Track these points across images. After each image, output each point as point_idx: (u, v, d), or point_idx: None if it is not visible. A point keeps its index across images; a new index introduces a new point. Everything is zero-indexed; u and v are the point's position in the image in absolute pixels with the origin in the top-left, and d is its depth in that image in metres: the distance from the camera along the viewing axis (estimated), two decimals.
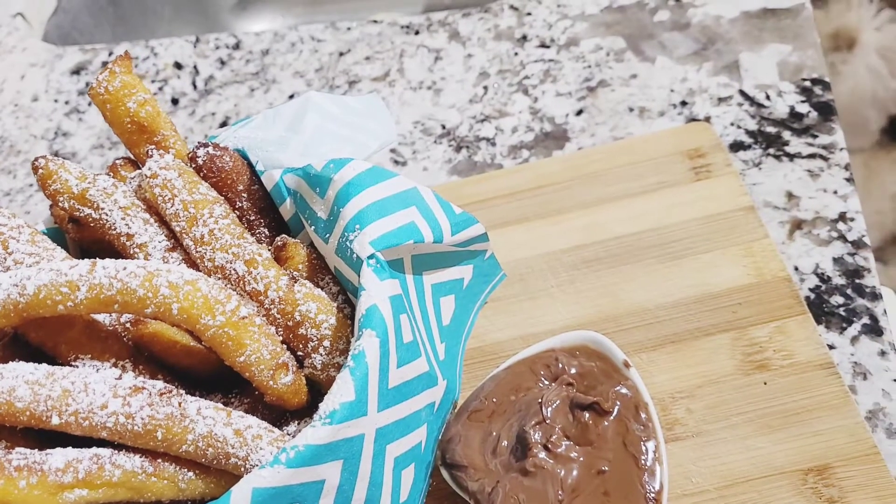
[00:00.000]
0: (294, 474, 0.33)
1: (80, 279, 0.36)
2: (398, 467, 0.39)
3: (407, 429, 0.39)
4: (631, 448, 0.41)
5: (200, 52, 0.82)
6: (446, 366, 0.45)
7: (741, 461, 0.44)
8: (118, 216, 0.41)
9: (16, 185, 0.74)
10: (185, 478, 0.36)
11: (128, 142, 0.45)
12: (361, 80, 0.75)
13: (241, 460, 0.36)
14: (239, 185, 0.44)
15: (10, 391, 0.34)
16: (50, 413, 0.35)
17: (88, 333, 0.39)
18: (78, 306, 0.36)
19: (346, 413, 0.34)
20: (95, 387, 0.35)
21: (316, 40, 0.80)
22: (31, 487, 0.33)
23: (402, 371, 0.38)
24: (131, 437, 0.35)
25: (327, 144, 0.45)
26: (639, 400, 0.42)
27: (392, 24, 0.79)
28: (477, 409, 0.44)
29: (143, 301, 0.36)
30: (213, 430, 0.36)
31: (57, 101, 0.81)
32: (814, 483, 0.42)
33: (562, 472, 0.40)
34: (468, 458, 0.42)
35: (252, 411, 0.40)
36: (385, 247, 0.39)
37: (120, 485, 0.35)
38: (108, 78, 0.43)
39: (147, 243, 0.41)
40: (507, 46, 0.74)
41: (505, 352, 0.50)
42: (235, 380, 0.39)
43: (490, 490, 0.40)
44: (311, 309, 0.39)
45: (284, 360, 0.38)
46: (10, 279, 0.36)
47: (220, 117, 0.75)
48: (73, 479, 0.34)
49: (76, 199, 0.42)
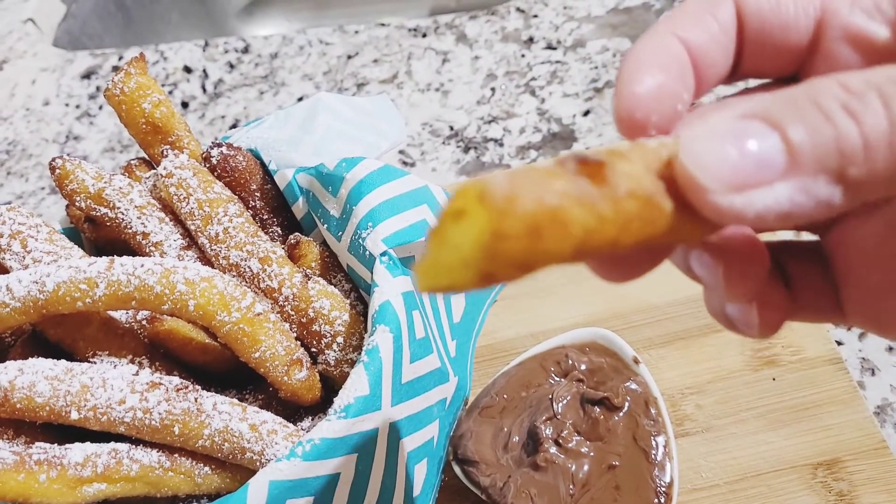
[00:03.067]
0: (310, 467, 0.33)
1: (98, 276, 0.36)
2: (411, 462, 0.39)
3: (419, 424, 0.39)
4: (641, 443, 0.41)
5: (209, 56, 0.82)
6: (457, 363, 0.45)
7: (751, 456, 0.44)
8: (134, 215, 0.42)
9: (28, 189, 0.75)
10: (202, 472, 0.37)
11: (142, 142, 0.46)
12: (369, 82, 0.75)
13: (257, 455, 0.36)
14: (252, 184, 0.45)
15: (30, 387, 0.35)
16: (69, 408, 0.35)
17: (106, 330, 0.40)
18: (96, 303, 0.36)
19: (361, 407, 0.35)
20: (113, 382, 0.36)
21: (324, 43, 0.81)
22: (50, 481, 0.34)
23: (415, 367, 0.39)
24: (149, 432, 0.36)
25: (338, 144, 0.46)
26: (648, 396, 0.43)
27: (399, 26, 0.80)
28: (488, 406, 0.45)
29: (160, 298, 0.36)
30: (228, 425, 0.36)
31: (68, 105, 0.82)
32: (823, 477, 0.42)
33: (573, 466, 0.40)
34: (480, 454, 0.42)
35: (267, 407, 0.40)
36: (397, 244, 0.39)
37: (137, 479, 0.36)
38: (124, 79, 0.44)
39: (162, 242, 0.42)
40: (513, 48, 0.75)
41: (515, 349, 0.51)
42: (250, 376, 0.40)
43: (501, 485, 0.41)
44: (324, 305, 0.39)
45: (299, 357, 0.39)
46: (29, 276, 0.37)
47: (230, 120, 0.76)
48: (91, 474, 0.35)
49: (93, 198, 0.42)
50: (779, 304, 0.23)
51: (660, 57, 0.20)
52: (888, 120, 0.16)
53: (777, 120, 0.17)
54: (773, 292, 0.23)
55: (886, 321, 0.22)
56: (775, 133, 0.16)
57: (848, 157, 0.16)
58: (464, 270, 0.15)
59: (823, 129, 0.16)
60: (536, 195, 0.15)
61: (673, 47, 0.21)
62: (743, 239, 0.22)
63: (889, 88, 0.16)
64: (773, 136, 0.16)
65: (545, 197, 0.15)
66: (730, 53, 0.22)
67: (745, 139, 0.16)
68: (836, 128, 0.16)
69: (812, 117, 0.16)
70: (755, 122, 0.17)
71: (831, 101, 0.16)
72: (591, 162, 0.16)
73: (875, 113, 0.16)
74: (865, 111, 0.16)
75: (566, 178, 0.16)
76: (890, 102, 0.16)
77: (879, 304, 0.22)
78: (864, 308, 0.22)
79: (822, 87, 0.17)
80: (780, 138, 0.16)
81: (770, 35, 0.21)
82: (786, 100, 0.17)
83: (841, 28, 0.20)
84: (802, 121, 0.16)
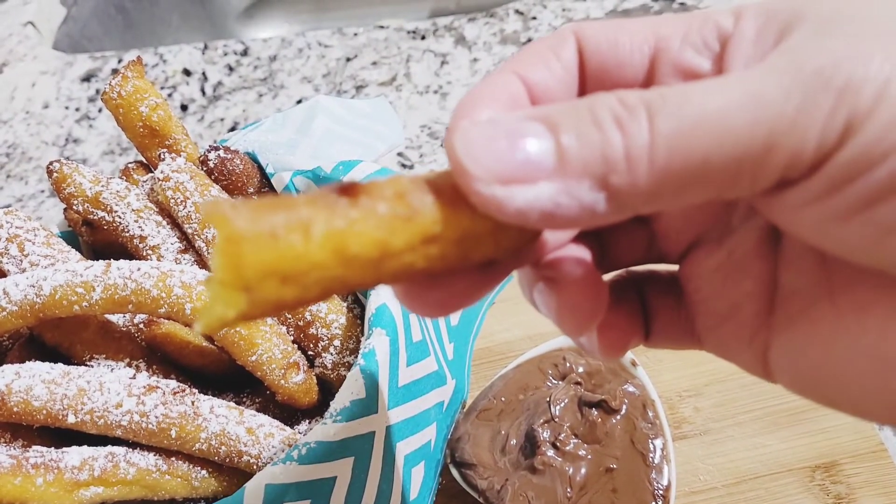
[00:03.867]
0: (306, 471, 0.33)
1: (95, 280, 0.36)
2: (408, 465, 0.39)
3: (416, 427, 0.39)
4: (639, 446, 0.41)
5: (209, 59, 0.83)
6: (455, 365, 0.45)
7: (749, 458, 0.44)
8: (131, 219, 0.42)
9: (28, 192, 0.75)
10: (199, 476, 0.37)
11: (140, 145, 0.46)
12: (368, 84, 0.75)
13: (254, 458, 0.36)
14: (249, 187, 0.45)
15: (27, 390, 0.35)
16: (66, 412, 0.35)
17: (103, 334, 0.40)
18: (93, 306, 0.36)
19: (357, 410, 0.35)
20: (110, 386, 0.36)
21: (323, 46, 0.81)
22: (47, 485, 0.34)
23: (412, 370, 0.39)
24: (145, 436, 0.36)
25: (336, 147, 0.46)
26: (646, 398, 0.43)
27: (398, 29, 0.80)
28: (486, 408, 0.45)
29: (156, 301, 0.36)
30: (225, 429, 0.36)
31: (68, 108, 0.82)
32: (821, 480, 0.42)
33: (570, 469, 0.40)
34: (477, 457, 0.42)
35: (263, 410, 0.40)
36: None
37: (134, 482, 0.36)
38: (121, 83, 0.44)
39: (160, 245, 0.42)
40: (512, 50, 0.75)
41: (513, 351, 0.51)
42: (247, 379, 0.40)
43: (499, 488, 0.41)
44: (321, 309, 0.39)
45: (295, 360, 0.39)
46: (26, 280, 0.37)
47: (229, 123, 0.76)
48: (88, 477, 0.35)
49: (90, 202, 0.42)
50: (624, 328, 0.24)
51: (495, 94, 0.21)
52: (650, 134, 0.16)
53: (555, 123, 0.17)
54: (618, 318, 0.24)
55: (730, 347, 0.23)
56: (550, 135, 0.17)
57: (611, 165, 0.17)
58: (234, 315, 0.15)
59: (592, 136, 0.17)
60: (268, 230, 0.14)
61: (510, 85, 0.21)
62: (582, 275, 0.23)
63: (657, 104, 0.17)
64: (548, 138, 0.17)
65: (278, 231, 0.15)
66: (572, 91, 0.22)
67: (522, 137, 0.17)
68: (603, 135, 0.17)
69: (585, 124, 0.17)
70: (536, 123, 0.17)
71: (606, 111, 0.17)
72: (347, 185, 0.16)
73: (640, 126, 0.16)
74: (631, 123, 0.17)
75: (318, 204, 0.15)
76: (655, 118, 0.16)
77: (722, 330, 0.23)
78: (712, 335, 0.23)
79: (602, 98, 0.17)
80: (553, 140, 0.17)
81: (607, 72, 0.22)
82: (569, 107, 0.18)
83: (671, 64, 0.21)
84: (576, 127, 0.17)
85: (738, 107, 0.16)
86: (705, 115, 0.16)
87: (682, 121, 0.16)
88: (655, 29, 0.21)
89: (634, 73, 0.22)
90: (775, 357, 0.22)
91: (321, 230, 0.15)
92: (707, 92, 0.17)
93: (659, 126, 0.16)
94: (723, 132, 0.16)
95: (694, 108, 0.16)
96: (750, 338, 0.22)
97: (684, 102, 0.16)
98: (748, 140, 0.16)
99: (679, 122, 0.16)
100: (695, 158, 0.16)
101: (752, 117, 0.16)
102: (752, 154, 0.16)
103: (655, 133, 0.16)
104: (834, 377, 0.20)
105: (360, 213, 0.16)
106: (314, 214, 0.15)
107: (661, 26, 0.21)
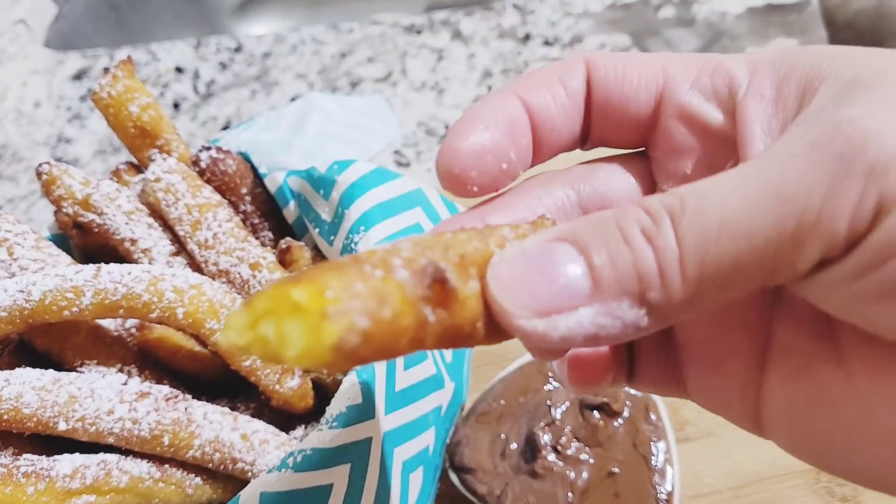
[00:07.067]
0: (302, 478, 0.33)
1: (84, 284, 0.35)
2: (406, 471, 0.38)
3: (414, 432, 0.39)
4: (641, 449, 0.40)
5: (201, 56, 0.82)
6: (453, 368, 0.44)
7: (753, 461, 0.43)
8: (122, 221, 0.41)
9: (19, 192, 0.74)
10: (193, 483, 0.36)
11: (131, 146, 0.45)
12: (364, 81, 0.75)
13: (248, 465, 0.35)
14: (242, 188, 0.44)
15: (17, 397, 0.34)
16: (57, 419, 0.35)
17: (94, 339, 0.39)
18: (83, 311, 0.36)
19: (354, 416, 0.34)
20: (102, 392, 0.35)
21: (317, 42, 0.80)
22: (39, 494, 0.33)
23: (409, 374, 0.38)
24: (138, 443, 0.35)
25: (330, 146, 0.45)
26: (649, 400, 0.42)
27: (394, 24, 0.79)
28: (485, 412, 0.44)
29: (147, 306, 0.36)
30: (219, 435, 0.35)
31: (59, 107, 0.81)
32: (827, 482, 0.42)
33: (571, 473, 0.40)
34: (477, 461, 0.42)
35: (258, 415, 0.40)
36: None
37: (127, 490, 0.35)
38: (111, 82, 0.43)
39: (151, 248, 0.41)
40: (510, 45, 0.74)
41: (513, 353, 0.50)
42: (241, 384, 0.39)
43: (499, 493, 0.40)
44: None
45: None
46: (15, 285, 0.36)
47: (222, 121, 0.75)
48: (80, 485, 0.34)
49: (80, 204, 0.42)
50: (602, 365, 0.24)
51: (493, 115, 0.20)
52: (676, 243, 0.16)
53: (584, 243, 0.17)
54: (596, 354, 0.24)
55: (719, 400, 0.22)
56: (581, 257, 0.17)
57: (646, 282, 0.16)
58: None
59: (623, 254, 0.16)
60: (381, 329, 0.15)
61: (511, 108, 0.21)
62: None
63: (677, 210, 0.16)
64: (580, 260, 0.17)
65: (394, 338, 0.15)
66: (576, 120, 0.22)
67: (554, 266, 0.17)
68: (633, 252, 0.16)
69: (614, 241, 0.16)
70: (564, 244, 0.17)
71: (633, 224, 0.16)
72: (448, 289, 0.16)
73: (667, 238, 0.16)
74: (658, 235, 0.16)
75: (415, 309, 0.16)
76: (679, 226, 0.16)
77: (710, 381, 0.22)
78: (699, 385, 0.23)
79: (628, 210, 0.17)
80: (585, 263, 0.17)
81: (612, 106, 0.22)
82: (595, 222, 0.17)
83: (676, 106, 0.21)
84: (605, 245, 0.16)
85: (761, 205, 0.16)
86: (728, 218, 0.16)
87: (706, 228, 0.16)
88: (666, 67, 0.21)
89: (638, 111, 0.21)
90: (771, 415, 0.21)
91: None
92: (726, 191, 0.16)
93: (684, 235, 0.16)
94: (750, 233, 0.16)
95: (716, 211, 0.16)
96: (740, 392, 0.21)
97: (704, 206, 0.16)
98: (777, 237, 0.16)
99: (702, 228, 0.16)
100: (726, 264, 0.16)
101: (777, 215, 0.15)
102: (784, 250, 0.16)
103: (682, 243, 0.16)
104: (843, 445, 0.19)
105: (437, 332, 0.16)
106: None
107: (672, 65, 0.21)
